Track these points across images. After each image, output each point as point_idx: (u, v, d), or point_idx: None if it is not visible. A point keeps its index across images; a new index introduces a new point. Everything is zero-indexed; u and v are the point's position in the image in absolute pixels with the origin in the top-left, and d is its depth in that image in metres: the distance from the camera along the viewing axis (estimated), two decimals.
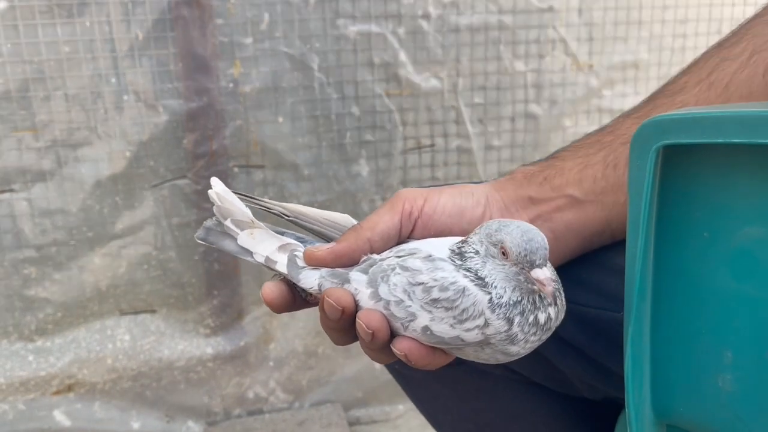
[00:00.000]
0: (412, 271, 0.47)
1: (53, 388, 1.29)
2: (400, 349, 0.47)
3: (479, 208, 0.53)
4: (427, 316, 0.46)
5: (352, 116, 1.30)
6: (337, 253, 0.50)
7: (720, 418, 0.43)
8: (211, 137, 1.24)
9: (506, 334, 0.45)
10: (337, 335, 0.51)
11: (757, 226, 0.40)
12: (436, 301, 0.46)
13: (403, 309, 0.47)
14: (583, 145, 0.57)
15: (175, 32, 1.19)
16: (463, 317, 0.45)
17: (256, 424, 1.37)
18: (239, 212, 0.53)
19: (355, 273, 0.49)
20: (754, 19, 0.55)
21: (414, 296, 0.47)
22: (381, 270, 0.48)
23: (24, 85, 1.16)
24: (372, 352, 0.50)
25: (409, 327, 0.47)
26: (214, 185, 0.53)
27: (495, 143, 1.39)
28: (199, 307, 1.33)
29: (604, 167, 0.54)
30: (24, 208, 1.21)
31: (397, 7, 1.26)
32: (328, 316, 0.48)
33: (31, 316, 1.26)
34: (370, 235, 0.50)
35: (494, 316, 0.45)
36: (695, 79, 0.54)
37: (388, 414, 1.45)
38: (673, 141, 0.40)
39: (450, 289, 0.46)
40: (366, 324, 0.47)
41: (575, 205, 0.54)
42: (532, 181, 0.55)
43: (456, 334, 0.46)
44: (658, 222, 0.43)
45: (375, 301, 0.48)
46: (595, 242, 0.56)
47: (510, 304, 0.45)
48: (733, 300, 0.41)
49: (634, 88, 1.42)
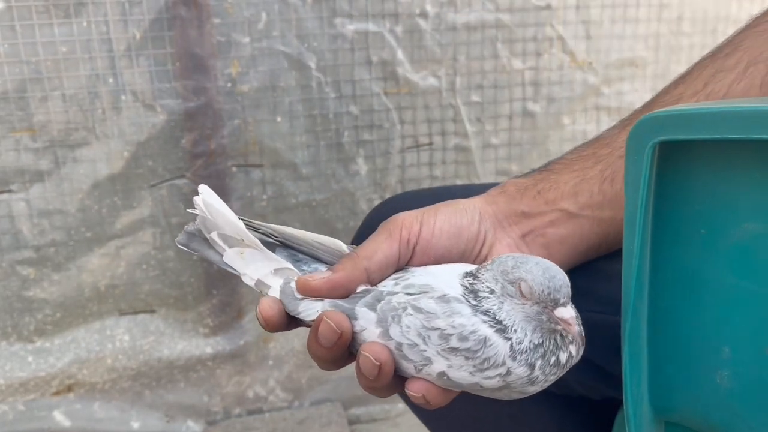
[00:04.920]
0: (426, 313, 0.45)
1: (53, 389, 1.29)
2: (416, 391, 0.45)
3: (474, 225, 0.52)
4: (444, 363, 0.44)
5: (350, 115, 1.30)
6: (333, 284, 0.48)
7: (718, 415, 0.43)
8: (209, 137, 1.24)
9: (527, 378, 0.44)
10: (324, 362, 0.49)
11: (755, 222, 0.40)
12: (455, 350, 0.44)
13: (417, 353, 0.45)
14: (578, 157, 0.56)
15: (173, 32, 1.19)
16: (484, 366, 0.44)
17: (256, 424, 1.37)
18: (229, 227, 0.49)
19: (361, 309, 0.47)
20: (747, 30, 0.54)
21: (429, 341, 0.44)
22: (391, 308, 0.46)
23: (21, 86, 1.15)
24: (371, 389, 0.47)
25: (423, 371, 0.45)
26: (202, 192, 0.50)
27: (493, 141, 1.39)
28: (198, 306, 1.33)
29: (600, 181, 0.53)
30: (22, 209, 1.21)
31: (394, 5, 1.25)
32: (322, 340, 0.46)
33: (30, 317, 1.26)
34: (367, 264, 0.48)
35: (516, 363, 0.43)
36: (691, 91, 0.54)
37: (388, 412, 1.45)
38: (670, 137, 0.40)
39: (470, 339, 0.43)
40: (374, 357, 0.45)
41: (569, 219, 0.53)
42: (525, 194, 0.54)
43: (475, 381, 0.44)
44: (655, 219, 0.43)
45: (385, 341, 0.45)
46: (591, 255, 0.55)
47: (531, 348, 0.44)
48: (730, 296, 0.41)
49: (632, 85, 1.42)
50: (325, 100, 1.28)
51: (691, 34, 1.41)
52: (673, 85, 0.56)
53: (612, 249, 0.55)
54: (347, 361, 0.50)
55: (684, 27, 1.41)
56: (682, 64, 1.40)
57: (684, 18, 1.40)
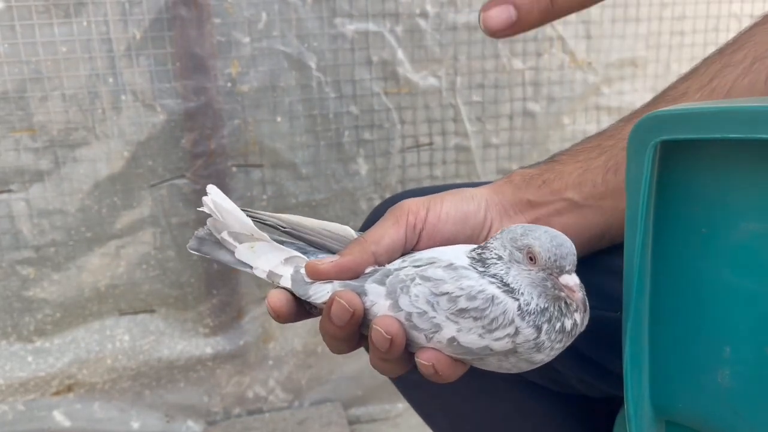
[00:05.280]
0: (434, 281, 0.46)
1: (53, 389, 1.29)
2: (426, 359, 0.46)
3: (481, 212, 0.53)
4: (453, 327, 0.45)
5: (351, 115, 1.30)
6: (341, 267, 0.48)
7: (719, 414, 0.43)
8: (209, 137, 1.24)
9: (534, 342, 0.44)
10: (337, 342, 0.49)
11: (755, 222, 0.40)
12: (463, 311, 0.44)
13: (426, 320, 0.45)
14: (583, 149, 0.56)
15: (173, 32, 1.19)
16: (493, 326, 0.44)
17: (256, 424, 1.37)
18: (238, 224, 0.50)
19: (370, 285, 0.48)
20: (755, 27, 0.55)
21: (438, 307, 0.45)
22: (399, 281, 0.47)
23: (21, 86, 1.15)
24: (384, 363, 0.48)
25: (433, 338, 0.45)
26: (210, 192, 0.50)
27: (493, 141, 1.39)
28: (198, 306, 1.33)
29: (604, 172, 0.54)
30: (22, 209, 1.21)
31: (394, 5, 1.25)
32: (335, 320, 0.47)
33: (30, 317, 1.26)
34: (375, 248, 0.49)
35: (524, 323, 0.44)
36: (697, 85, 0.54)
37: (388, 412, 1.45)
38: (671, 136, 0.40)
39: (478, 298, 0.44)
40: (385, 330, 0.45)
41: (574, 209, 0.54)
42: (531, 184, 0.55)
43: (485, 344, 0.45)
44: (656, 218, 0.43)
45: (395, 313, 0.46)
46: (594, 246, 0.56)
47: (537, 311, 0.44)
48: (731, 295, 0.41)
49: (632, 85, 1.42)
50: (325, 100, 1.28)
51: (691, 33, 1.41)
52: (680, 80, 0.56)
53: (615, 241, 0.55)
54: (359, 343, 0.50)
55: (684, 26, 1.41)
56: (683, 64, 1.40)
57: (684, 17, 1.40)
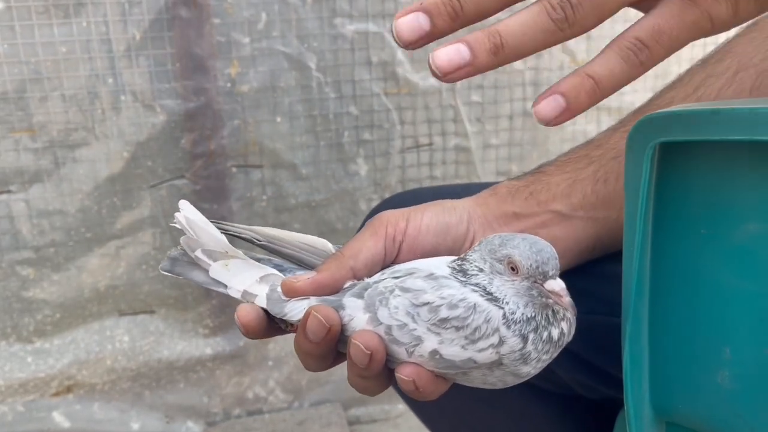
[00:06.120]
0: (414, 291, 0.44)
1: (52, 390, 1.29)
2: (407, 375, 0.44)
3: (463, 224, 0.51)
4: (435, 339, 0.43)
5: (350, 115, 1.30)
6: (318, 283, 0.46)
7: (719, 415, 0.43)
8: (209, 137, 1.24)
9: (520, 353, 0.43)
10: (313, 359, 0.47)
11: (755, 223, 0.40)
12: (444, 321, 0.42)
13: (407, 333, 0.43)
14: (570, 159, 0.56)
15: (173, 32, 1.19)
16: (476, 336, 0.42)
17: (256, 424, 1.37)
18: (212, 240, 0.48)
19: (348, 299, 0.45)
20: (737, 38, 0.55)
21: (419, 318, 0.43)
22: (378, 293, 0.45)
23: (21, 86, 1.15)
24: (363, 381, 0.46)
25: (414, 352, 0.43)
26: (182, 208, 0.48)
27: (493, 142, 1.39)
28: (198, 307, 1.33)
29: (593, 182, 0.53)
30: (22, 209, 1.21)
31: (394, 5, 1.25)
32: (310, 336, 0.45)
33: (30, 318, 1.26)
34: (353, 263, 0.47)
35: (509, 332, 0.42)
36: (682, 95, 0.54)
37: (387, 413, 1.45)
38: (670, 138, 0.40)
39: (460, 306, 0.42)
40: (364, 345, 0.43)
41: (561, 220, 0.53)
42: (517, 196, 0.54)
43: (468, 356, 0.43)
44: (655, 219, 0.43)
45: (374, 327, 0.44)
46: (584, 258, 0.55)
47: (523, 320, 0.42)
48: (731, 296, 0.41)
49: (632, 85, 1.41)
50: (325, 101, 1.28)
51: None
52: (666, 89, 0.56)
53: (607, 251, 0.54)
54: (336, 361, 0.49)
55: None
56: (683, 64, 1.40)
57: None
